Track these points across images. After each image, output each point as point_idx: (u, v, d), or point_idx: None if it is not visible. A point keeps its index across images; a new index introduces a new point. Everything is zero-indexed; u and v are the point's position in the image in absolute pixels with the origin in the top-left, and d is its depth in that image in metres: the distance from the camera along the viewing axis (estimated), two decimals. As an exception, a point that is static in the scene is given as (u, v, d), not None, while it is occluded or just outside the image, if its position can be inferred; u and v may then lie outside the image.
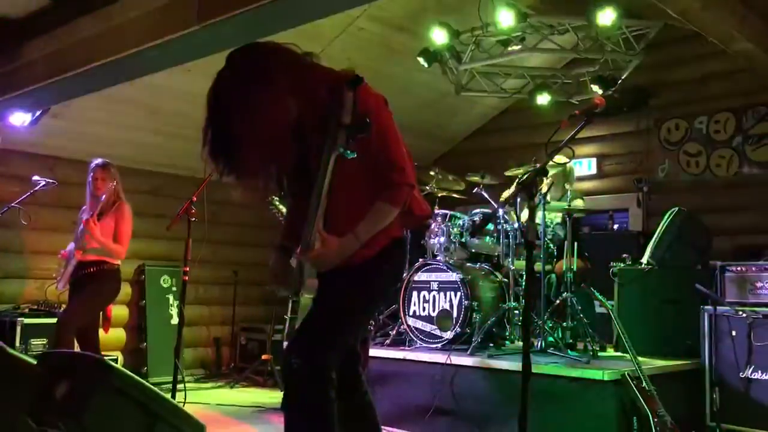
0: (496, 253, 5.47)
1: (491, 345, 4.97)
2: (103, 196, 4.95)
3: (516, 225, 5.14)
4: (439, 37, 6.17)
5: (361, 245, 2.33)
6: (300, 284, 2.33)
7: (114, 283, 5.07)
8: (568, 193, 5.09)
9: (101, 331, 5.15)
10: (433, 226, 5.43)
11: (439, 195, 5.89)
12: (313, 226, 2.26)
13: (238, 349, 7.49)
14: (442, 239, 5.35)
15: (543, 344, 4.68)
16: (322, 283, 2.36)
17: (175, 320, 7.11)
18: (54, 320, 5.27)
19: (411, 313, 5.21)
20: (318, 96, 2.31)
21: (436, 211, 5.49)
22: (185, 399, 4.85)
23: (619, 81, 6.54)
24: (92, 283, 4.94)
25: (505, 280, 5.18)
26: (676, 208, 5.36)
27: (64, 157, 6.42)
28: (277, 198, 5.17)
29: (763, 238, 5.95)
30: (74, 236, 5.09)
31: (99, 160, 5.13)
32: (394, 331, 5.34)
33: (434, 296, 5.11)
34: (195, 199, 4.63)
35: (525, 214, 3.41)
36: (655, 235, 5.28)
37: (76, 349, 4.87)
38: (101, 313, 5.16)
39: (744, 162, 6.47)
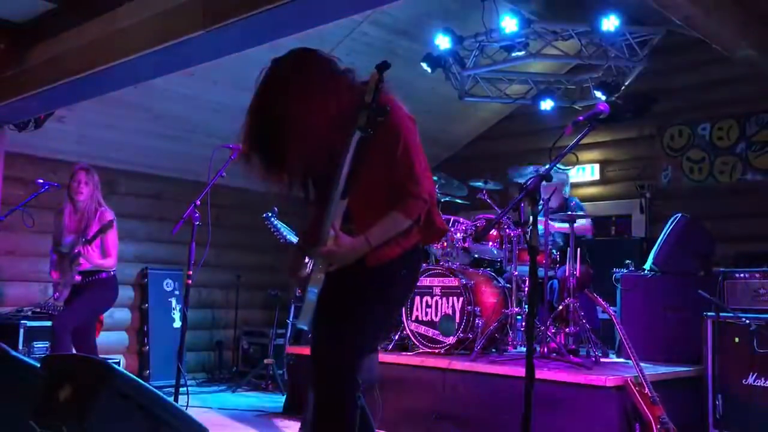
0: (499, 259, 5.47)
1: (494, 350, 4.96)
2: (83, 204, 4.95)
3: (519, 230, 5.14)
4: (442, 42, 6.19)
5: (376, 249, 2.39)
6: (307, 278, 2.38)
7: (111, 290, 5.08)
8: (569, 200, 5.10)
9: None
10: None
11: (442, 200, 5.89)
12: (329, 222, 2.33)
13: (240, 352, 7.49)
14: (445, 244, 5.35)
15: (546, 350, 4.68)
16: (338, 287, 2.40)
17: (177, 323, 7.11)
18: (57, 324, 5.27)
19: (413, 318, 5.20)
20: (353, 111, 2.37)
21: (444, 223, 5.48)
22: (188, 403, 4.85)
23: (623, 87, 6.55)
24: (90, 289, 4.95)
25: (508, 285, 5.18)
26: (679, 215, 5.36)
27: (68, 161, 6.44)
28: (272, 215, 5.15)
29: (766, 245, 5.94)
30: (54, 239, 5.08)
31: (83, 163, 5.14)
32: (397, 336, 5.34)
33: (437, 301, 5.11)
34: (198, 203, 4.63)
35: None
36: (658, 242, 5.27)
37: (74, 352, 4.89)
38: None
39: (747, 169, 6.46)
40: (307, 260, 2.56)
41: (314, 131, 2.30)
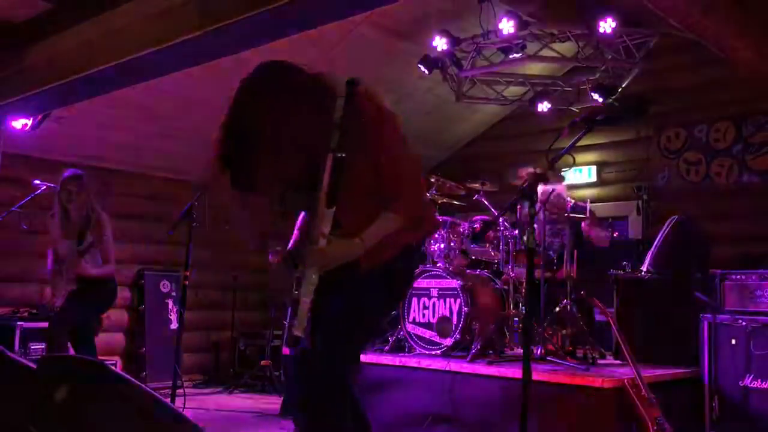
0: (496, 260, 5.47)
1: (491, 352, 4.96)
2: (76, 212, 4.89)
3: (516, 232, 5.14)
4: (440, 44, 6.19)
5: (369, 250, 2.39)
6: (297, 292, 2.38)
7: (109, 291, 5.07)
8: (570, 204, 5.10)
9: None
10: (433, 232, 5.43)
11: (439, 202, 5.89)
12: (317, 231, 2.33)
13: (237, 354, 7.48)
14: (442, 246, 5.35)
15: (542, 351, 4.68)
16: (332, 288, 2.40)
17: (174, 325, 7.10)
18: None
19: (410, 320, 5.20)
20: (330, 114, 2.36)
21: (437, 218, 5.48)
22: (184, 404, 4.85)
23: (619, 89, 6.56)
24: (87, 291, 4.93)
25: (505, 287, 5.17)
26: (676, 216, 5.37)
27: (66, 161, 6.43)
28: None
29: (763, 246, 5.95)
30: (52, 241, 5.06)
31: (70, 171, 5.09)
32: (394, 338, 5.34)
33: (434, 303, 5.11)
34: (195, 203, 4.63)
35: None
36: (655, 243, 5.28)
37: (71, 352, 4.87)
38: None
39: (743, 170, 6.48)
40: (295, 273, 2.52)
41: (286, 139, 2.30)
